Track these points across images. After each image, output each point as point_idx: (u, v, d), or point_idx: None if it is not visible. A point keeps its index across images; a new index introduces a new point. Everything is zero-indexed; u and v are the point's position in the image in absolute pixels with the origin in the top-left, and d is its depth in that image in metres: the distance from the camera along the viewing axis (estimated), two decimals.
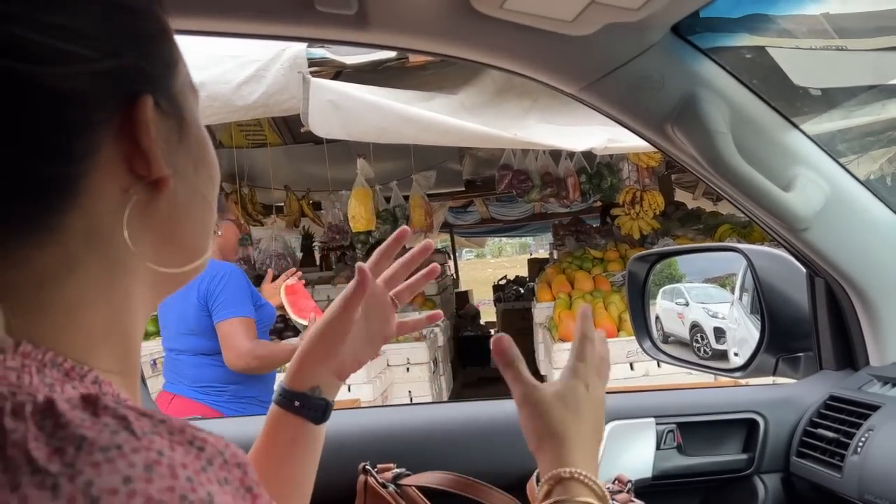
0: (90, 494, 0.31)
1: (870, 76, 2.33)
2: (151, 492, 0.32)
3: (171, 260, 0.48)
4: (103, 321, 0.43)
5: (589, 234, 5.94)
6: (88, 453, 0.33)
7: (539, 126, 3.28)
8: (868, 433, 0.95)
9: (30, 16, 0.39)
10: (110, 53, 0.42)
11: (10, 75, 0.38)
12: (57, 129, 0.40)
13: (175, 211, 0.47)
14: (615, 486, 0.99)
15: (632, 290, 1.49)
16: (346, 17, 0.86)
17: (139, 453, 0.34)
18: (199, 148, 0.50)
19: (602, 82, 0.96)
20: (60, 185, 0.41)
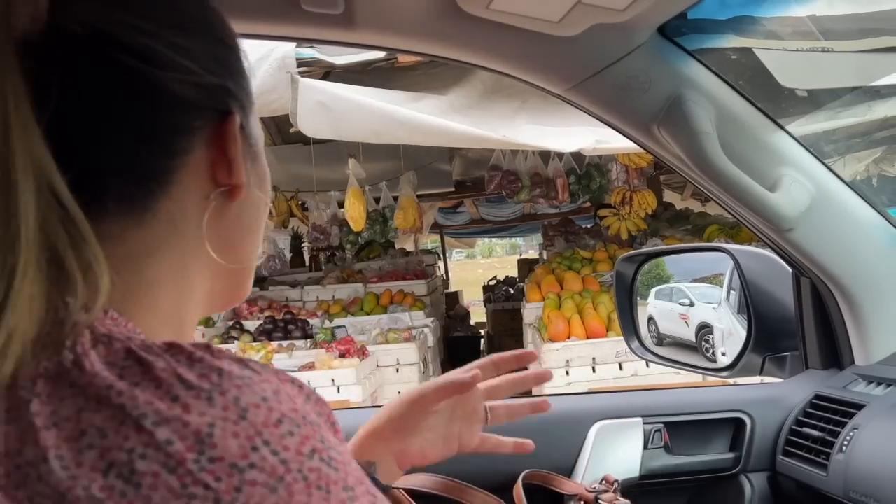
0: (239, 405, 0.38)
1: (855, 78, 2.35)
2: (283, 410, 0.39)
3: (228, 260, 0.53)
4: (169, 305, 0.49)
5: (578, 235, 5.95)
6: (229, 378, 0.39)
7: (528, 127, 3.28)
8: (853, 432, 0.96)
9: (159, 32, 0.47)
10: (212, 73, 0.50)
11: (139, 74, 0.45)
12: (164, 125, 0.47)
13: (239, 219, 0.54)
14: (602, 486, 0.99)
15: (619, 290, 1.49)
16: (333, 16, 0.86)
17: (265, 383, 0.41)
18: (263, 176, 0.57)
19: (589, 83, 0.96)
20: (158, 173, 0.47)
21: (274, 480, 0.37)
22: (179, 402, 0.38)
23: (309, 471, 0.38)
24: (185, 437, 0.37)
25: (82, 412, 0.37)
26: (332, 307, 5.28)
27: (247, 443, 0.37)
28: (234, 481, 0.36)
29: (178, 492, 0.35)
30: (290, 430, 0.39)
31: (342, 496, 0.39)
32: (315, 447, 0.39)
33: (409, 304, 5.25)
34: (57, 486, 0.35)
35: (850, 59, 2.22)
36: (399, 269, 5.98)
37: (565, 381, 3.84)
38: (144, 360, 0.39)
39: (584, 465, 1.08)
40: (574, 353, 3.86)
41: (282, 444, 0.38)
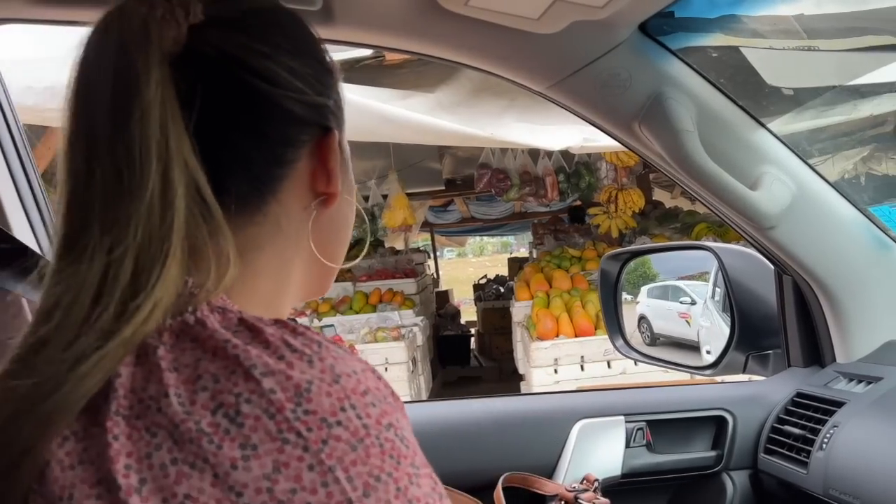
0: (335, 372, 0.44)
1: (840, 76, 2.36)
2: (369, 384, 0.45)
3: (323, 257, 0.59)
4: (268, 293, 0.55)
5: (568, 234, 5.96)
6: (327, 349, 0.45)
7: (516, 125, 3.28)
8: (833, 430, 0.96)
9: (277, 56, 0.54)
10: (318, 93, 0.56)
11: (261, 92, 0.52)
12: (278, 137, 0.54)
13: (331, 223, 0.60)
14: (582, 486, 0.99)
15: (604, 288, 1.49)
16: (310, 12, 0.85)
17: (356, 361, 0.46)
18: (351, 184, 0.64)
19: (570, 80, 0.96)
20: (270, 179, 0.54)
21: (356, 440, 0.42)
22: (285, 360, 0.43)
23: (385, 440, 0.43)
24: (286, 389, 0.42)
25: (200, 361, 0.43)
26: (321, 306, 5.26)
27: (337, 403, 0.43)
28: (323, 433, 0.41)
29: (275, 435, 0.41)
30: (373, 401, 0.44)
31: (409, 470, 0.43)
32: (392, 422, 0.44)
33: (398, 303, 5.24)
34: (173, 417, 0.41)
35: (835, 57, 2.23)
36: (389, 268, 5.96)
37: (553, 379, 3.85)
38: (255, 327, 0.45)
39: (567, 464, 1.08)
40: (562, 351, 3.86)
41: (366, 411, 0.43)
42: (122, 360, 0.43)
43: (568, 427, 1.10)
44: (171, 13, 0.49)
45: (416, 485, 0.43)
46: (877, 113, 3.01)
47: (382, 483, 0.42)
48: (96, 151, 0.47)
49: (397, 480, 0.42)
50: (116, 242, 0.45)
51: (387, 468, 0.42)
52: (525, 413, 1.13)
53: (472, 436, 1.09)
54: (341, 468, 0.41)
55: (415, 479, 0.43)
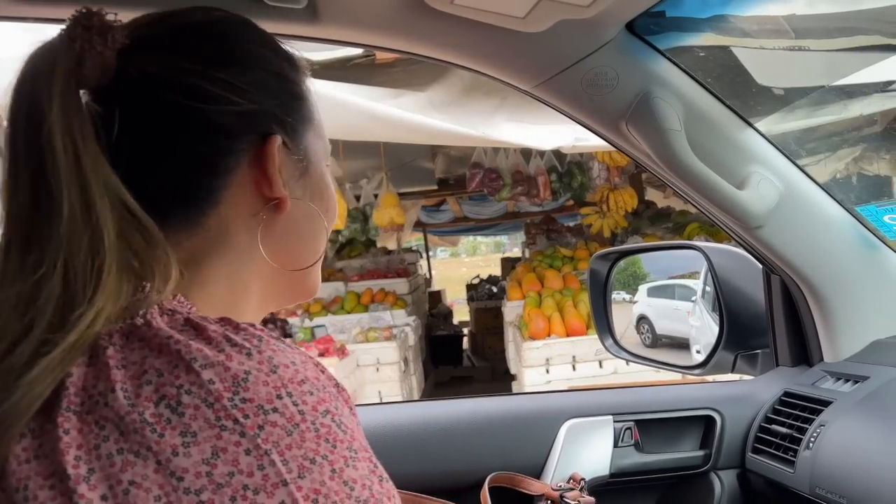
0: (272, 363, 0.46)
1: (831, 76, 2.36)
2: (307, 374, 0.48)
3: (283, 264, 0.61)
4: (224, 301, 0.56)
5: (560, 233, 5.97)
6: (268, 343, 0.48)
7: (507, 124, 3.28)
8: (820, 428, 0.96)
9: (204, 71, 0.56)
10: (253, 101, 0.57)
11: (184, 109, 0.55)
12: (209, 150, 0.56)
13: (289, 228, 0.61)
14: (568, 485, 0.99)
15: (594, 288, 1.49)
16: (296, 10, 0.85)
17: (296, 353, 0.49)
18: (320, 185, 0.64)
19: (556, 79, 0.96)
20: (206, 192, 0.56)
21: (291, 425, 0.45)
22: (224, 352, 0.46)
23: (321, 425, 0.46)
24: (224, 379, 0.45)
25: (146, 358, 0.46)
26: (312, 306, 5.25)
27: (273, 391, 0.45)
28: (259, 420, 0.44)
29: (213, 422, 0.43)
30: (310, 390, 0.47)
31: (345, 453, 0.46)
32: (329, 409, 0.47)
33: (390, 303, 5.23)
34: (119, 410, 0.44)
35: (826, 57, 2.24)
36: (381, 268, 5.95)
37: (545, 378, 3.85)
38: (199, 325, 0.48)
39: (555, 463, 1.08)
40: (554, 350, 3.86)
41: (302, 398, 0.46)
42: (71, 363, 0.46)
43: (556, 427, 1.10)
44: (90, 42, 0.52)
45: (352, 467, 0.46)
46: (867, 113, 3.02)
47: (317, 465, 0.44)
48: (17, 177, 0.50)
49: (333, 462, 0.45)
50: (40, 261, 0.48)
51: (322, 451, 0.45)
52: (513, 413, 1.13)
53: (460, 436, 1.09)
54: (277, 452, 0.43)
55: (351, 462, 0.46)
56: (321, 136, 0.66)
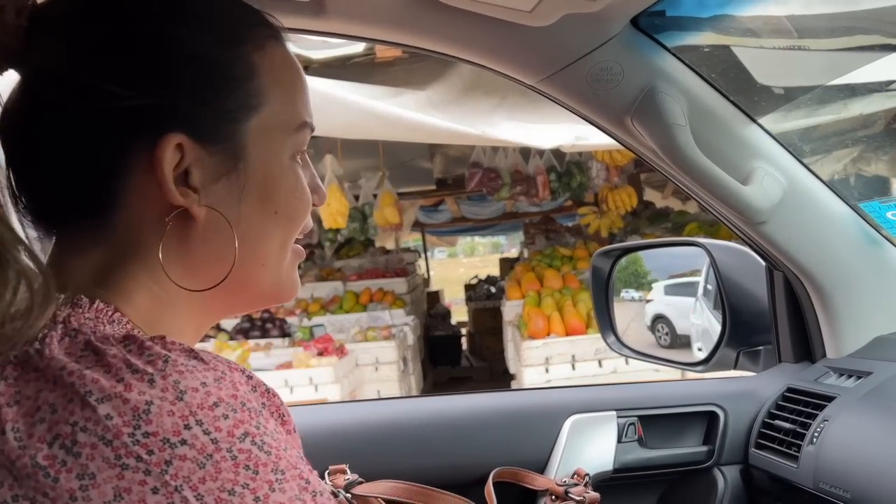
0: (178, 388, 0.42)
1: (830, 75, 2.37)
2: (221, 394, 0.44)
3: (191, 282, 0.54)
4: (149, 312, 0.52)
5: (559, 233, 5.98)
6: (174, 365, 0.44)
7: (507, 123, 3.28)
8: (823, 424, 0.96)
9: (88, 59, 0.50)
10: (146, 94, 0.50)
11: (64, 107, 0.50)
12: (97, 152, 0.50)
13: (205, 239, 0.54)
14: (572, 480, 0.99)
15: (596, 285, 1.49)
16: (302, 4, 0.85)
17: (209, 371, 0.45)
18: (263, 183, 0.55)
19: (561, 74, 0.96)
20: (103, 196, 0.51)
21: (203, 457, 0.41)
22: (123, 381, 0.42)
23: (239, 451, 0.42)
24: (123, 413, 0.41)
25: (41, 391, 0.42)
26: (311, 305, 5.25)
27: (180, 421, 0.41)
28: (165, 455, 0.40)
29: (113, 462, 0.40)
30: (224, 413, 0.43)
31: (269, 477, 0.43)
32: (248, 431, 0.43)
33: (389, 303, 5.24)
34: (10, 454, 0.40)
35: (825, 56, 2.24)
36: (379, 268, 5.95)
37: (545, 378, 3.85)
38: (99, 350, 0.44)
39: (558, 459, 1.08)
40: (554, 350, 3.87)
41: (214, 424, 0.42)
42: None
43: (560, 422, 1.10)
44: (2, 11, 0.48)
45: (279, 490, 0.42)
46: (867, 112, 3.02)
47: (237, 496, 0.41)
48: None
49: (255, 490, 0.42)
50: None
51: (242, 480, 0.42)
52: (516, 408, 1.13)
53: (464, 431, 1.09)
54: (189, 487, 0.40)
55: (277, 486, 0.43)
56: (281, 124, 0.57)
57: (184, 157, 0.51)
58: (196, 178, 0.52)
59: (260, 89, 0.55)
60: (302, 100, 0.60)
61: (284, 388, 3.67)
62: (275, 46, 0.58)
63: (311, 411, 1.20)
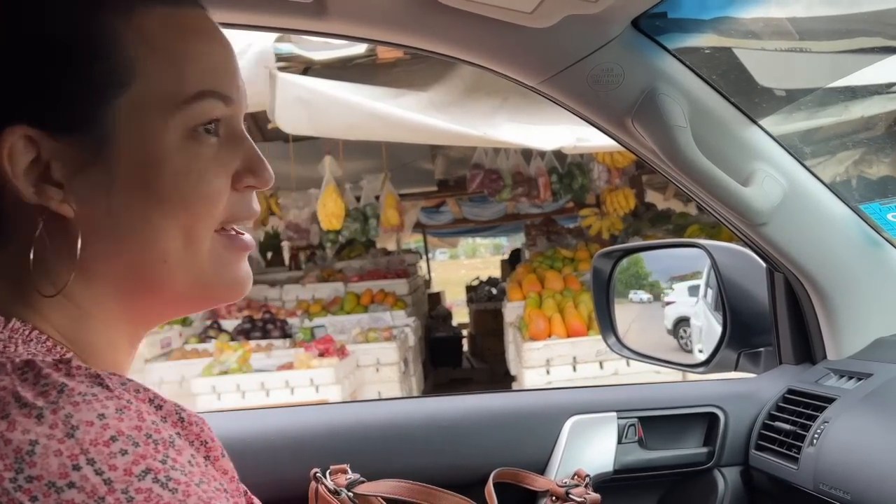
0: (70, 423, 0.39)
1: (831, 78, 2.37)
2: (122, 427, 0.40)
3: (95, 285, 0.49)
4: (64, 326, 0.48)
5: (560, 235, 5.98)
6: (69, 396, 0.40)
7: (508, 125, 3.29)
8: (823, 425, 0.96)
9: None
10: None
11: None
12: None
13: (89, 239, 0.48)
14: (573, 481, 0.99)
15: (597, 286, 1.49)
16: (304, 5, 0.85)
17: (112, 400, 0.41)
18: (142, 167, 0.49)
19: (562, 75, 0.96)
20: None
21: (93, 501, 0.37)
22: (8, 419, 0.38)
23: (136, 491, 0.38)
24: (5, 456, 0.37)
25: None
26: (312, 306, 5.25)
27: (69, 461, 0.37)
28: (50, 501, 0.36)
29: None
30: (122, 448, 0.39)
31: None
32: (150, 467, 0.39)
33: (390, 304, 5.24)
34: None
35: (826, 59, 2.24)
36: (380, 269, 5.95)
37: (546, 380, 3.85)
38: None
39: (559, 460, 1.08)
40: (555, 351, 3.86)
41: (109, 462, 0.38)
42: None
43: (560, 423, 1.10)
44: None
45: None
46: (868, 115, 3.02)
47: None
48: None
49: None
50: None
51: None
52: (517, 409, 1.13)
53: (464, 432, 1.09)
54: None
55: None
56: (162, 98, 0.49)
57: (40, 151, 0.47)
58: (57, 173, 0.47)
59: (126, 63, 0.48)
60: (196, 67, 0.51)
61: (285, 388, 3.67)
62: (147, 11, 0.50)
63: (312, 412, 1.20)
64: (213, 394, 3.76)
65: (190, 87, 0.50)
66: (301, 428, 1.07)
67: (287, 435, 1.05)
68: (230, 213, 0.55)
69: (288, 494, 0.98)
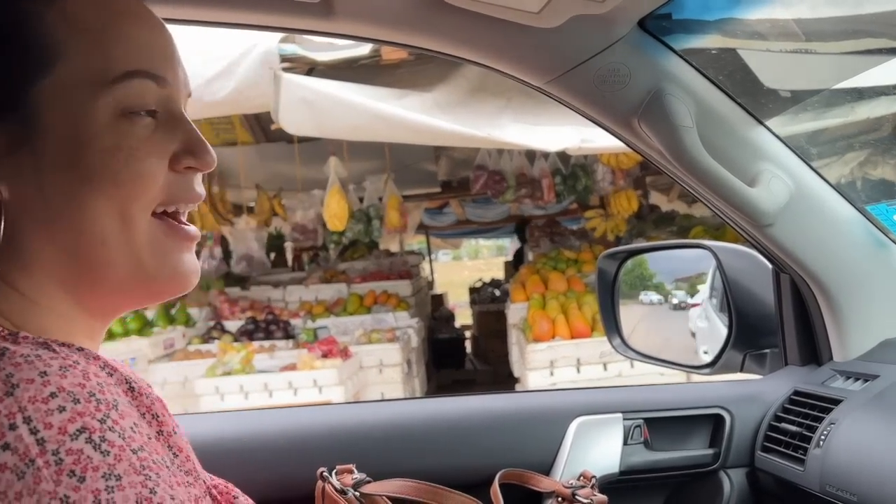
0: (10, 382, 0.38)
1: (837, 79, 2.36)
2: (63, 384, 0.39)
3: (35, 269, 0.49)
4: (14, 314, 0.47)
5: (564, 236, 5.97)
6: (10, 358, 0.39)
7: (512, 126, 3.28)
8: (830, 427, 0.96)
9: None
10: None
11: None
12: None
13: (21, 220, 0.48)
14: (579, 482, 0.98)
15: (602, 287, 1.49)
16: (311, 5, 0.85)
17: (56, 360, 0.40)
18: (72, 147, 0.49)
19: (569, 76, 0.96)
20: None
21: (24, 464, 0.36)
22: None
23: (66, 453, 0.37)
24: None
25: None
26: (315, 307, 5.25)
27: (6, 420, 0.37)
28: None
29: None
30: (61, 405, 0.38)
31: (97, 485, 0.37)
32: (87, 425, 0.38)
33: (393, 305, 5.23)
34: None
35: (833, 60, 2.24)
36: (383, 270, 5.95)
37: (549, 381, 3.84)
38: None
39: (564, 461, 1.08)
40: (558, 353, 3.86)
41: (45, 420, 0.37)
42: None
43: (565, 424, 1.10)
44: None
45: (104, 502, 0.37)
46: (874, 116, 3.01)
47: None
48: None
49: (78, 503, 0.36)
50: None
51: (62, 492, 0.36)
52: (522, 410, 1.13)
53: (470, 432, 1.09)
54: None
55: (105, 496, 0.37)
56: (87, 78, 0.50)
57: None
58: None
59: (50, 45, 0.49)
60: (124, 47, 0.51)
61: (289, 389, 3.67)
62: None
63: (318, 412, 1.20)
64: (217, 395, 3.76)
65: (118, 67, 0.50)
66: (307, 428, 1.07)
67: (293, 435, 1.05)
68: (168, 194, 0.54)
69: (295, 494, 0.98)
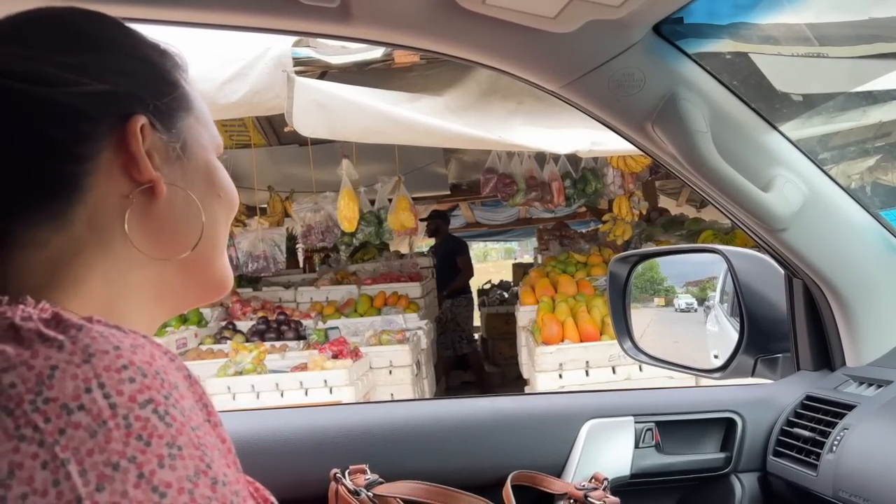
0: (87, 351, 0.42)
1: (849, 83, 2.36)
2: (134, 359, 0.43)
3: (159, 254, 0.57)
4: (101, 299, 0.52)
5: (573, 239, 5.96)
6: (87, 332, 0.43)
7: (523, 128, 3.29)
8: (843, 432, 0.96)
9: (47, 56, 0.53)
10: (107, 81, 0.54)
11: (29, 95, 0.51)
12: (64, 136, 0.52)
13: (169, 214, 0.57)
14: (591, 484, 0.99)
15: (613, 290, 1.49)
16: (329, 9, 0.86)
17: (127, 338, 0.44)
18: (204, 172, 0.61)
19: (583, 80, 0.96)
20: (68, 180, 0.52)
21: (97, 424, 0.40)
22: (31, 349, 0.42)
23: (135, 419, 0.41)
24: (27, 380, 0.40)
25: None
26: (326, 308, 5.27)
27: (83, 385, 0.40)
28: (61, 422, 0.39)
29: (11, 433, 0.39)
30: (131, 376, 0.42)
31: (161, 451, 0.41)
32: (153, 398, 0.42)
33: (403, 307, 5.24)
34: None
35: (844, 64, 2.23)
36: (393, 271, 5.96)
37: (558, 384, 3.84)
38: (17, 326, 0.43)
39: (576, 463, 1.08)
40: (567, 356, 3.86)
41: (117, 388, 0.41)
42: None
43: (577, 427, 1.10)
44: None
45: (168, 467, 0.40)
46: (885, 120, 3.00)
47: (121, 471, 0.39)
48: None
49: (141, 465, 0.39)
50: None
51: (129, 452, 0.39)
52: (534, 412, 1.14)
53: (481, 434, 1.09)
54: (76, 460, 0.38)
55: (168, 461, 0.40)
56: (205, 126, 0.63)
57: (144, 141, 0.55)
58: (156, 160, 0.56)
59: (190, 94, 0.62)
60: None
61: (299, 389, 3.69)
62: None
63: (330, 412, 1.21)
64: (228, 394, 3.78)
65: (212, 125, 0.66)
66: (319, 428, 1.08)
67: (306, 435, 1.06)
68: None
69: (308, 494, 0.99)
